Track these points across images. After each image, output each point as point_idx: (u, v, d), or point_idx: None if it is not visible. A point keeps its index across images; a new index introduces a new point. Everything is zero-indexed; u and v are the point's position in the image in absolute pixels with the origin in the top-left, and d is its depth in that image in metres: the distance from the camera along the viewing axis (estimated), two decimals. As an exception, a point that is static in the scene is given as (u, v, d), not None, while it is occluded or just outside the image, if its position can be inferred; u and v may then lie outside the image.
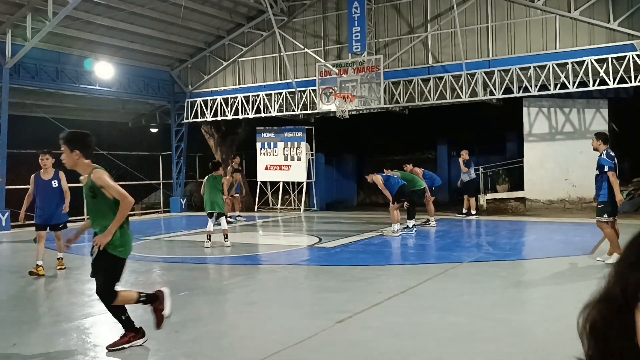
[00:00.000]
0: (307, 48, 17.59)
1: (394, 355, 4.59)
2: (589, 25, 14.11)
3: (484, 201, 17.29)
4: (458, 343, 4.84)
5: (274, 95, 18.25)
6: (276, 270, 8.95)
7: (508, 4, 15.10)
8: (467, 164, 15.66)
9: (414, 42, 16.26)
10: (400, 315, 5.72)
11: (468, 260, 8.72)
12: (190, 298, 6.84)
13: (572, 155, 15.71)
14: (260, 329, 5.39)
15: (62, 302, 6.67)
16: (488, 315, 5.71)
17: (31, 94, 17.55)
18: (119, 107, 21.24)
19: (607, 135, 8.39)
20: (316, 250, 10.43)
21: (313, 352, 4.72)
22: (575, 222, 13.74)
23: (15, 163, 15.72)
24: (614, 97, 15.84)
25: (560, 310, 5.89)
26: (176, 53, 19.49)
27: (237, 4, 17.75)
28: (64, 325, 5.59)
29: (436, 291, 6.81)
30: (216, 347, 4.94)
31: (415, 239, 11.70)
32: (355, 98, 15.60)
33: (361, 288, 7.22)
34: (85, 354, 4.77)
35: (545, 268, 8.35)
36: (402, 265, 8.75)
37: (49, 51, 16.26)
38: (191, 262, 9.65)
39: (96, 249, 4.69)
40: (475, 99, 15.38)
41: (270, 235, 13.21)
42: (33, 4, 14.25)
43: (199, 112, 19.80)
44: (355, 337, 5.06)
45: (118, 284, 4.84)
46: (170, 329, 5.45)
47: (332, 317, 5.61)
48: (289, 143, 19.47)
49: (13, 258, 10.98)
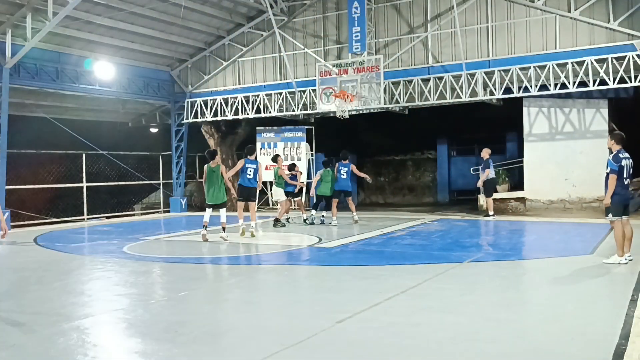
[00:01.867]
0: (307, 48, 17.59)
1: (394, 355, 4.59)
2: (589, 25, 14.12)
3: (483, 201, 17.27)
4: (458, 343, 4.84)
5: (274, 95, 18.26)
6: (276, 270, 8.95)
7: (508, 4, 15.11)
8: (487, 164, 15.44)
9: (414, 42, 16.27)
10: (400, 315, 5.72)
11: (468, 260, 8.72)
12: (190, 298, 6.84)
13: (572, 155, 15.71)
14: (260, 329, 5.39)
15: (62, 302, 6.66)
16: (488, 315, 5.71)
17: (31, 94, 17.55)
18: (119, 107, 21.25)
19: (622, 135, 8.23)
20: (316, 250, 10.43)
21: (313, 352, 4.72)
22: (575, 222, 13.74)
23: (15, 163, 15.73)
24: (614, 97, 15.83)
25: (560, 310, 5.89)
26: (176, 53, 19.50)
27: (237, 4, 17.75)
28: (64, 325, 5.58)
29: (436, 291, 6.80)
30: (216, 347, 4.94)
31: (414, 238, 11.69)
32: (355, 98, 15.60)
33: (361, 288, 7.21)
34: (85, 354, 4.76)
35: (545, 268, 8.35)
36: (402, 265, 8.74)
37: (49, 51, 16.27)
38: (191, 262, 9.64)
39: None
40: (475, 99, 15.39)
41: (271, 235, 13.21)
42: (33, 4, 14.25)
43: (199, 112, 19.81)
44: (355, 337, 5.05)
45: None
46: (170, 329, 5.45)
47: (332, 317, 5.60)
48: (289, 143, 19.47)
49: (13, 258, 10.98)
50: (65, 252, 10.98)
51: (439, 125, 21.53)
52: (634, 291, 6.38)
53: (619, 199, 7.98)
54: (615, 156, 8.00)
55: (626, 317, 5.37)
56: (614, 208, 7.99)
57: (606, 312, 5.81)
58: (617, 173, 7.90)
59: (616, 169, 7.91)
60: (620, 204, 8.01)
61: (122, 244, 11.50)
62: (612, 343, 4.63)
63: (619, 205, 8.00)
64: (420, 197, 23.97)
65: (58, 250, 11.25)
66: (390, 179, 24.94)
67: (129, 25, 16.70)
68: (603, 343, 4.66)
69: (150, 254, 10.37)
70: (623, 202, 8.05)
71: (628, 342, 4.63)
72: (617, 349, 4.49)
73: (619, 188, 7.95)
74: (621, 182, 7.96)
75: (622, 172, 7.91)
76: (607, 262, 8.02)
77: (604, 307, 6.07)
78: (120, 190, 20.88)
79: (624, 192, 8.05)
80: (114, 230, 14.56)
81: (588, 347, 4.67)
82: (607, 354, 4.41)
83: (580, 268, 7.93)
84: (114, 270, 8.88)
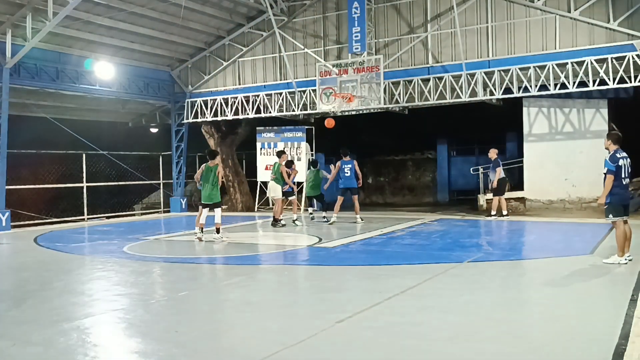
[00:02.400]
0: (307, 48, 17.59)
1: (394, 355, 4.59)
2: (588, 26, 14.12)
3: (483, 201, 17.28)
4: (458, 343, 4.84)
5: (274, 95, 18.26)
6: (276, 270, 8.96)
7: (508, 4, 15.11)
8: (496, 163, 15.38)
9: (414, 42, 16.27)
10: (400, 315, 5.73)
11: (468, 260, 8.72)
12: (190, 298, 6.84)
13: (572, 155, 15.72)
14: (260, 329, 5.39)
15: (62, 302, 6.66)
16: (488, 315, 5.71)
17: (31, 94, 17.55)
18: (119, 107, 21.25)
19: (619, 135, 8.15)
20: (316, 250, 10.43)
21: (313, 352, 4.72)
22: (575, 222, 13.74)
23: (15, 163, 15.72)
24: (613, 97, 15.84)
25: (560, 310, 5.89)
26: (176, 53, 19.50)
27: (237, 4, 17.75)
28: (64, 325, 5.59)
29: (436, 291, 6.81)
30: (216, 347, 4.94)
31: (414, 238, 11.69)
32: (355, 98, 15.60)
33: (361, 288, 7.22)
34: (85, 354, 4.77)
35: (545, 268, 8.35)
36: (402, 265, 8.74)
37: (49, 51, 16.27)
38: (191, 262, 9.65)
39: None
40: (475, 99, 15.38)
41: (271, 235, 13.21)
42: (33, 4, 14.26)
43: (199, 112, 19.81)
44: (355, 337, 5.06)
45: None
46: (170, 329, 5.46)
47: (332, 317, 5.61)
48: (289, 143, 19.48)
49: (13, 258, 10.98)
50: (65, 252, 10.99)
51: (438, 125, 21.53)
52: (633, 291, 6.38)
53: (617, 199, 7.90)
54: (612, 156, 7.90)
55: (626, 317, 5.38)
56: (613, 209, 7.92)
57: (606, 312, 5.82)
58: (614, 173, 7.82)
59: (613, 169, 7.83)
60: (620, 205, 7.94)
61: (122, 244, 11.50)
62: (612, 343, 4.63)
63: (619, 206, 7.93)
64: (420, 197, 23.98)
65: (58, 250, 11.25)
66: (390, 179, 24.95)
67: (129, 25, 16.70)
68: (603, 343, 4.66)
69: (150, 254, 10.37)
70: (622, 202, 7.97)
71: (628, 342, 4.63)
72: (617, 349, 4.49)
73: (618, 188, 7.86)
74: (619, 182, 7.87)
75: (619, 172, 7.83)
76: (607, 262, 8.00)
77: (604, 307, 6.07)
78: (121, 190, 20.89)
79: (623, 192, 7.95)
80: (114, 230, 14.57)
81: (588, 347, 4.67)
82: (607, 353, 4.41)
83: (580, 268, 7.93)
84: (114, 270, 8.88)
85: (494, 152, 15.66)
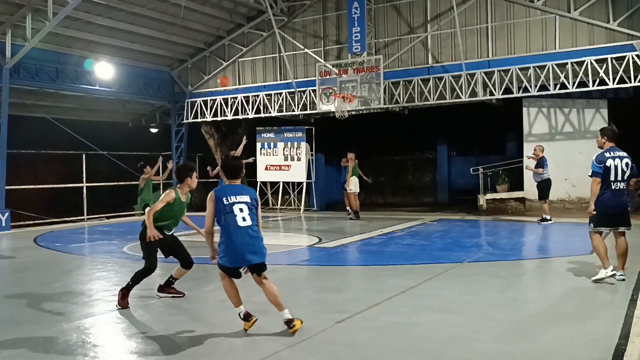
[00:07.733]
0: (307, 48, 17.59)
1: (394, 355, 4.59)
2: (588, 26, 14.12)
3: (483, 201, 17.28)
4: (458, 343, 4.84)
5: (274, 96, 18.26)
6: (276, 270, 8.93)
7: (508, 4, 15.11)
8: (541, 162, 13.56)
9: (413, 43, 16.27)
10: (400, 315, 5.73)
11: (468, 260, 8.72)
12: (191, 298, 6.84)
13: (572, 155, 15.69)
14: (260, 329, 5.39)
15: (62, 302, 6.66)
16: (488, 315, 5.71)
17: (31, 94, 17.55)
18: (119, 107, 21.25)
19: (614, 130, 6.91)
20: (316, 250, 10.43)
21: (313, 352, 4.72)
22: (575, 222, 13.72)
23: (15, 163, 15.72)
24: (613, 97, 15.83)
25: (560, 310, 5.89)
26: (176, 53, 19.50)
27: (237, 4, 17.75)
28: (64, 325, 5.59)
29: (436, 291, 6.81)
30: (216, 348, 4.94)
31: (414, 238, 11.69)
32: (355, 98, 15.60)
33: (361, 288, 7.22)
34: (85, 354, 4.77)
35: (545, 268, 8.36)
36: (402, 265, 8.74)
37: (49, 51, 16.28)
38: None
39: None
40: (475, 99, 15.38)
41: (270, 235, 13.20)
42: (33, 4, 14.25)
43: (199, 113, 19.81)
44: (355, 337, 5.06)
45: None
46: (171, 328, 5.46)
47: (332, 317, 5.61)
48: (288, 143, 19.46)
49: (13, 258, 10.97)
50: (65, 252, 10.98)
51: (438, 126, 21.51)
52: (633, 291, 6.38)
53: (602, 208, 6.70)
54: (599, 155, 6.76)
55: (626, 317, 5.38)
56: (595, 217, 6.76)
57: (606, 312, 5.82)
58: (599, 176, 6.66)
59: (598, 172, 6.66)
60: (604, 214, 6.72)
61: (122, 244, 11.51)
62: (612, 343, 4.63)
63: (601, 215, 6.72)
64: (420, 197, 23.96)
65: (58, 250, 11.25)
66: (390, 179, 24.93)
67: (129, 25, 16.70)
68: (603, 343, 4.66)
69: (150, 254, 10.34)
70: (607, 211, 6.72)
71: (628, 342, 4.63)
72: (617, 349, 4.50)
73: (606, 194, 6.68)
74: (607, 187, 6.68)
75: (607, 174, 6.65)
76: (595, 279, 6.88)
77: (604, 307, 6.07)
78: (121, 190, 20.86)
79: (609, 199, 6.69)
80: (114, 231, 14.57)
81: (588, 347, 4.67)
82: (607, 353, 4.41)
83: (580, 268, 7.92)
84: (114, 271, 8.88)
85: (539, 149, 13.70)
